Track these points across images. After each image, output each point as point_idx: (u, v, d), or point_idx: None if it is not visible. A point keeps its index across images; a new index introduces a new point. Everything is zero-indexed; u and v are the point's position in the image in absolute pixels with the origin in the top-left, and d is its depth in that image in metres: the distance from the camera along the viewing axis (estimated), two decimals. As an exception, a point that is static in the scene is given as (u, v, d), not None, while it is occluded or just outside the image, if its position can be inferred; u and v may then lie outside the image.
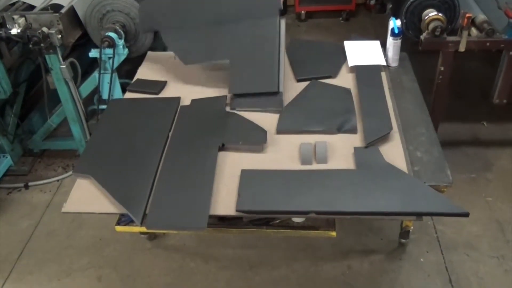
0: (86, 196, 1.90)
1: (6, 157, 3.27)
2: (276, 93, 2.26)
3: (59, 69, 2.99)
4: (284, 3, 5.32)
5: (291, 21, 5.27)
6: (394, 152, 1.98)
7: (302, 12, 5.22)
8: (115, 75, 3.06)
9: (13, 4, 3.01)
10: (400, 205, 1.73)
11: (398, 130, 2.10)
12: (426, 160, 1.96)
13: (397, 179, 1.83)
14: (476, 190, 3.00)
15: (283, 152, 2.04)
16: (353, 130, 2.12)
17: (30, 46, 2.82)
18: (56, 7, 2.94)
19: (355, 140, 2.07)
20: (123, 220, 2.07)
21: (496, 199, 2.93)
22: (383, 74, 2.50)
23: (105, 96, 3.11)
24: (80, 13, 3.00)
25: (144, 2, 2.71)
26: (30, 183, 3.31)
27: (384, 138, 2.03)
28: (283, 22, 2.49)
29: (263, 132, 2.09)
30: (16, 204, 3.18)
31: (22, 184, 3.31)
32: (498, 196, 2.95)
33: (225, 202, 1.81)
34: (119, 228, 2.07)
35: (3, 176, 3.31)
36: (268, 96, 2.26)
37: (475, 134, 3.45)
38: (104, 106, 3.07)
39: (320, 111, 2.23)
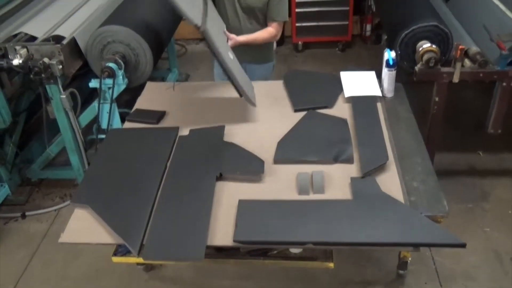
0: (84, 226, 1.89)
1: (4, 187, 3.27)
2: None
3: (59, 99, 3.01)
4: (282, 33, 5.40)
5: (289, 52, 5.36)
6: (390, 182, 1.99)
7: (299, 43, 5.31)
8: (114, 105, 3.09)
9: (16, 35, 3.06)
10: (397, 236, 1.73)
11: (394, 160, 2.12)
12: (422, 190, 1.97)
13: (394, 209, 1.83)
14: (473, 220, 3.00)
15: (281, 182, 2.05)
16: (349, 160, 2.13)
17: (31, 76, 2.86)
18: (58, 38, 2.99)
19: (352, 170, 2.08)
20: (120, 250, 2.05)
21: (493, 230, 2.92)
22: (379, 105, 2.54)
23: (104, 125, 3.12)
24: (81, 44, 3.05)
25: None
26: (27, 213, 3.30)
27: (381, 168, 2.05)
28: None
29: (261, 162, 2.10)
30: (12, 234, 3.16)
31: (19, 214, 3.29)
32: (495, 226, 2.94)
33: (222, 232, 1.81)
34: (116, 259, 2.06)
35: (0, 206, 3.29)
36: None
37: (471, 164, 3.47)
38: (103, 136, 3.08)
39: (317, 141, 2.25)
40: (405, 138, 2.29)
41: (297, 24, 5.16)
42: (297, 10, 5.06)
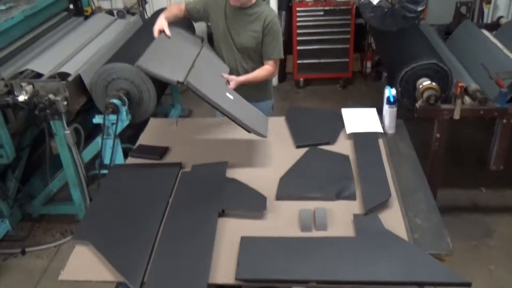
0: (84, 263, 1.87)
1: (5, 222, 3.25)
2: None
3: (63, 134, 3.04)
4: (283, 70, 5.50)
5: (290, 88, 5.42)
6: (393, 219, 1.98)
7: (301, 79, 5.38)
8: (118, 140, 3.12)
9: (22, 72, 3.12)
10: (401, 274, 1.71)
11: (397, 197, 2.12)
12: (426, 227, 1.95)
13: (397, 247, 1.81)
14: (478, 258, 2.96)
15: (283, 219, 2.04)
16: (352, 197, 2.13)
17: (36, 112, 2.89)
18: (64, 75, 3.05)
19: (354, 206, 2.08)
20: (120, 288, 2.03)
21: (498, 267, 2.88)
22: (380, 141, 2.55)
23: (107, 161, 3.14)
24: (86, 80, 3.10)
25: None
26: (27, 249, 3.27)
27: (383, 204, 2.04)
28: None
29: (263, 198, 2.10)
30: (12, 270, 3.12)
31: (19, 250, 3.26)
32: (500, 264, 2.90)
33: (224, 270, 1.79)
34: (116, 297, 2.03)
35: (1, 241, 3.27)
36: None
37: (474, 200, 3.46)
38: (105, 171, 3.09)
39: (319, 177, 2.25)
40: (407, 174, 2.29)
41: (298, 61, 5.25)
42: (298, 47, 5.16)
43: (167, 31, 2.62)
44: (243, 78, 2.69)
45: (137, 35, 3.72)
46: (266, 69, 2.78)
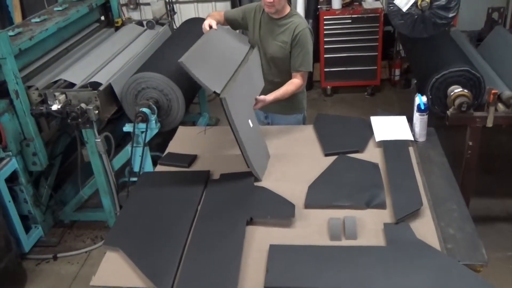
0: (115, 269, 1.90)
1: (38, 228, 3.33)
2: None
3: (94, 142, 3.10)
4: (310, 78, 5.48)
5: (317, 96, 5.40)
6: (425, 228, 1.94)
7: (328, 87, 5.35)
8: (147, 148, 3.16)
9: (56, 82, 3.20)
10: (434, 285, 1.67)
11: (429, 206, 2.07)
12: (459, 237, 1.90)
13: (430, 257, 1.77)
14: (513, 269, 2.87)
15: (312, 227, 2.02)
16: (382, 206, 2.10)
17: (69, 121, 2.96)
18: (95, 85, 3.11)
19: (385, 215, 2.04)
20: (150, 294, 2.04)
21: (535, 279, 2.78)
22: (411, 149, 2.50)
23: (136, 168, 3.18)
24: (117, 89, 3.16)
25: None
26: (58, 255, 3.33)
27: (415, 214, 2.00)
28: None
29: (292, 206, 2.08)
30: (44, 275, 3.19)
31: (51, 255, 3.33)
32: (537, 275, 2.81)
33: (253, 278, 1.78)
34: (145, 303, 2.04)
35: (33, 247, 3.34)
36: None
37: (507, 210, 3.35)
38: (135, 179, 3.14)
39: (348, 186, 2.23)
40: (439, 183, 2.24)
41: (325, 69, 5.22)
42: (325, 55, 5.13)
43: (215, 27, 2.59)
44: (271, 97, 2.61)
45: (166, 45, 3.78)
46: (293, 83, 2.71)
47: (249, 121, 2.42)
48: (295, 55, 2.69)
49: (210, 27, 2.58)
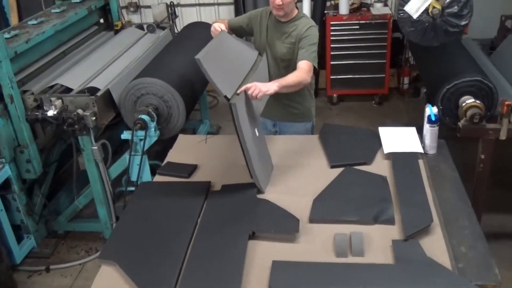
0: (110, 285, 1.88)
1: (30, 239, 3.31)
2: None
3: (90, 150, 3.10)
4: (316, 86, 5.48)
5: (323, 104, 5.39)
6: (435, 246, 1.92)
7: (334, 95, 5.35)
8: (145, 157, 3.15)
9: (52, 86, 3.21)
10: (445, 306, 1.65)
11: (439, 222, 2.06)
12: (471, 256, 1.89)
13: (440, 276, 1.76)
14: (527, 289, 2.83)
15: (317, 243, 2.01)
16: (390, 221, 2.08)
17: (65, 127, 2.96)
18: (93, 90, 3.11)
19: (393, 231, 2.03)
20: (146, 311, 2.02)
21: (550, 300, 2.75)
22: (421, 162, 2.49)
23: (134, 178, 3.17)
24: (115, 95, 3.17)
25: None
26: (51, 266, 3.32)
27: (424, 230, 1.99)
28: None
29: (296, 220, 2.07)
30: (36, 288, 3.17)
31: (43, 267, 3.31)
32: (552, 296, 2.77)
33: (254, 295, 1.77)
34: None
35: (25, 258, 3.32)
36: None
37: (521, 226, 3.34)
38: (132, 188, 3.13)
39: (355, 200, 2.22)
40: (450, 198, 2.23)
41: (331, 77, 5.22)
42: (332, 62, 5.14)
43: (224, 29, 2.62)
44: (276, 83, 2.44)
45: (167, 50, 3.79)
46: (295, 75, 2.57)
47: (256, 129, 2.42)
48: (300, 47, 2.66)
49: (220, 30, 2.61)
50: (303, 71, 2.60)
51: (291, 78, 2.58)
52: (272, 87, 2.38)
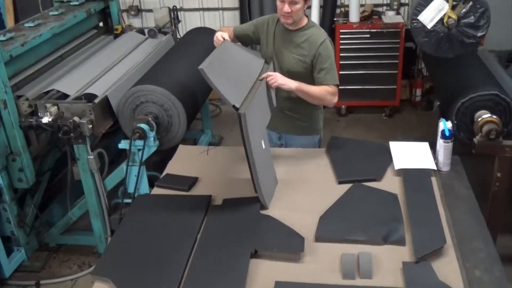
0: (103, 303, 1.88)
1: (20, 251, 3.31)
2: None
3: (86, 159, 3.10)
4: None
5: (330, 116, 5.39)
6: (448, 269, 1.91)
7: (343, 106, 5.35)
8: (143, 168, 3.15)
9: (48, 92, 3.22)
10: (458, 334, 1.63)
11: (453, 244, 2.04)
12: (487, 280, 1.87)
13: (453, 302, 1.74)
14: (545, 316, 2.80)
15: (322, 263, 1.99)
16: (401, 242, 2.07)
17: (60, 135, 2.96)
18: (90, 97, 3.12)
19: (404, 253, 2.02)
20: (140, 332, 2.01)
21: None
22: (433, 179, 2.48)
23: (131, 189, 3.17)
24: (113, 103, 3.17)
25: None
26: (42, 281, 3.30)
27: (437, 252, 1.97)
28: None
29: (301, 239, 2.06)
30: (24, 304, 3.16)
31: (33, 282, 3.30)
32: None
33: (256, 318, 1.76)
34: None
35: (14, 272, 3.31)
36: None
37: (539, 249, 3.30)
38: (129, 200, 3.12)
39: (363, 218, 2.21)
40: (465, 218, 2.21)
41: (340, 87, 5.20)
42: (341, 72, 5.14)
43: (228, 39, 2.62)
44: (296, 83, 2.55)
45: (169, 56, 3.80)
46: (321, 89, 2.63)
47: (262, 141, 2.42)
48: (318, 69, 2.66)
49: (222, 39, 2.60)
50: (330, 92, 2.66)
51: (315, 89, 2.63)
52: (290, 84, 2.54)
